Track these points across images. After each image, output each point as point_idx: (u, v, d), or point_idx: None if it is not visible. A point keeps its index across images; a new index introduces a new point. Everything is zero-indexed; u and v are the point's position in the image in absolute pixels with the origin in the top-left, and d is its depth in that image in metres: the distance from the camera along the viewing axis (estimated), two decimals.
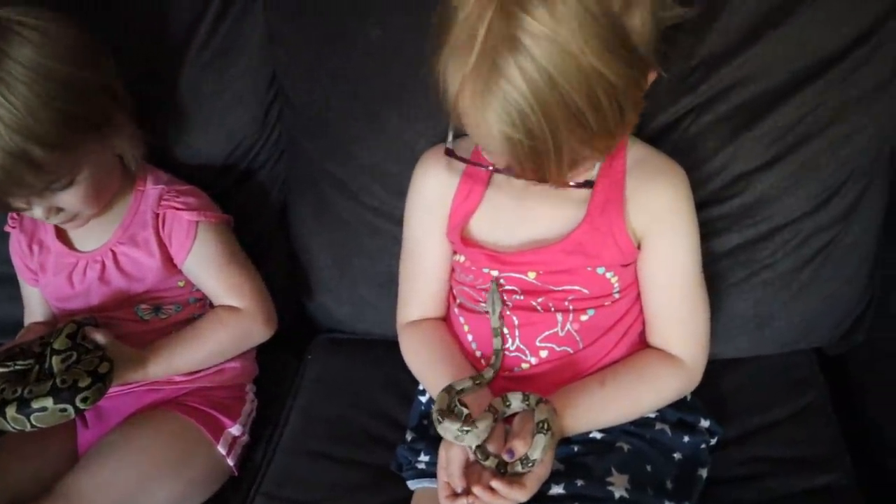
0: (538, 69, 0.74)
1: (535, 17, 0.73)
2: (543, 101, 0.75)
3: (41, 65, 0.93)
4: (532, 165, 0.80)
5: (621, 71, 0.76)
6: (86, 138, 0.99)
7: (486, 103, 0.77)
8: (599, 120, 0.77)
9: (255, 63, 1.16)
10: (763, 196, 1.02)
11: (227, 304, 1.13)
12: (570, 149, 0.78)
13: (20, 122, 0.91)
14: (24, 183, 0.95)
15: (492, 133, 0.78)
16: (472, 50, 0.76)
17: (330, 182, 1.16)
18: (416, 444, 1.03)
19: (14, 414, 0.94)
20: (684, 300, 0.97)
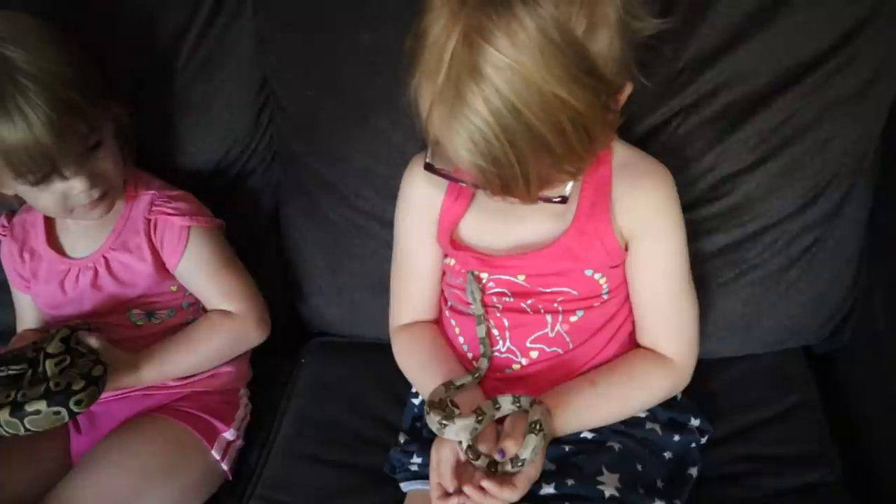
0: (501, 98, 0.74)
1: (496, 47, 0.73)
2: (508, 130, 0.75)
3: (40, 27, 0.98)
4: (500, 188, 0.81)
5: (586, 98, 0.76)
6: (98, 99, 1.01)
7: (452, 129, 0.77)
8: (565, 145, 0.77)
9: (245, 68, 1.17)
10: (749, 197, 1.03)
11: (221, 309, 1.13)
12: (538, 173, 0.79)
13: (53, 71, 0.95)
14: (73, 129, 0.97)
15: (459, 157, 0.79)
16: (439, 76, 0.76)
17: (321, 185, 1.16)
18: (409, 446, 1.03)
19: (7, 417, 0.94)
20: (672, 300, 0.98)
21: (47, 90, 0.94)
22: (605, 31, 0.78)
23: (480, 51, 0.73)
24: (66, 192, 1.01)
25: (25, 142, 0.94)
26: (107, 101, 1.04)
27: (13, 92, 0.93)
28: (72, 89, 0.96)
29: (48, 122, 0.94)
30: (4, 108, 0.93)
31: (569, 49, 0.74)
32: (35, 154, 0.95)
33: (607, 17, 0.78)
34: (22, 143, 0.94)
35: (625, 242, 0.96)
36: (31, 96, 0.93)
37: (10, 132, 0.93)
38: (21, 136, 0.93)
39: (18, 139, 0.94)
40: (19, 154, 0.95)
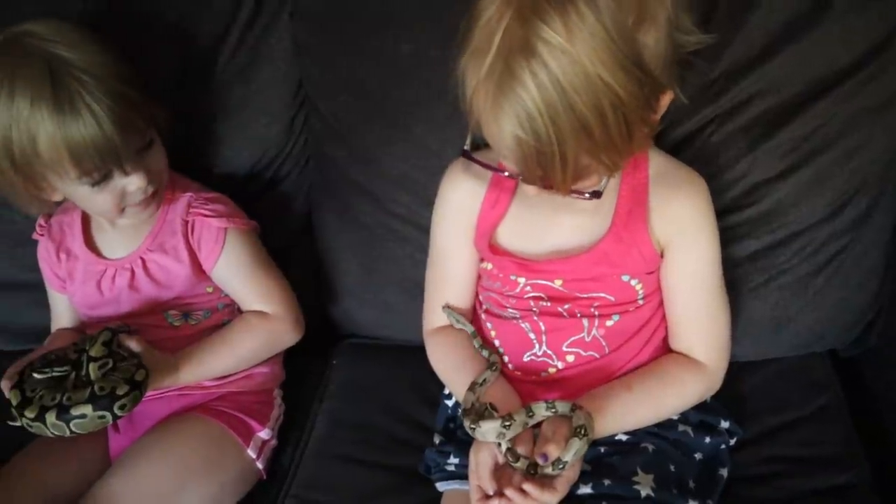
0: (549, 76, 0.77)
1: (550, 26, 0.76)
2: (551, 107, 0.78)
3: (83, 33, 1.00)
4: (538, 170, 0.83)
5: (629, 87, 0.78)
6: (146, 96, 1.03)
7: (497, 104, 0.80)
8: (604, 131, 0.79)
9: (281, 73, 1.18)
10: (780, 204, 1.06)
11: (256, 310, 1.15)
12: (575, 157, 0.81)
13: (110, 69, 0.98)
14: (136, 126, 1.00)
15: (502, 134, 0.81)
16: (489, 52, 0.79)
17: (356, 190, 1.18)
18: (445, 446, 1.05)
19: (54, 420, 0.96)
20: (706, 306, 1.00)
21: (107, 86, 0.96)
22: (653, 28, 0.81)
23: (533, 27, 0.77)
24: (123, 190, 1.03)
25: (94, 138, 0.96)
26: (151, 100, 1.05)
27: (78, 89, 0.95)
28: (126, 85, 0.99)
29: (113, 117, 0.96)
30: (72, 106, 0.95)
31: (618, 36, 0.77)
32: (103, 150, 0.97)
33: (656, 15, 0.81)
34: (91, 139, 0.96)
35: (661, 249, 0.98)
36: (95, 92, 0.95)
37: (79, 129, 0.95)
38: (90, 133, 0.95)
39: (87, 135, 0.96)
40: (88, 151, 0.97)
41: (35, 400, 0.98)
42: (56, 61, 0.96)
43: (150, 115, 1.04)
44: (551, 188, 0.85)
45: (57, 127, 0.95)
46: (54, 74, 0.95)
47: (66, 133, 0.95)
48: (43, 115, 0.95)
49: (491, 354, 1.03)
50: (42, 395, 0.98)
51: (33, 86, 0.95)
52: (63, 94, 0.95)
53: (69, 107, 0.95)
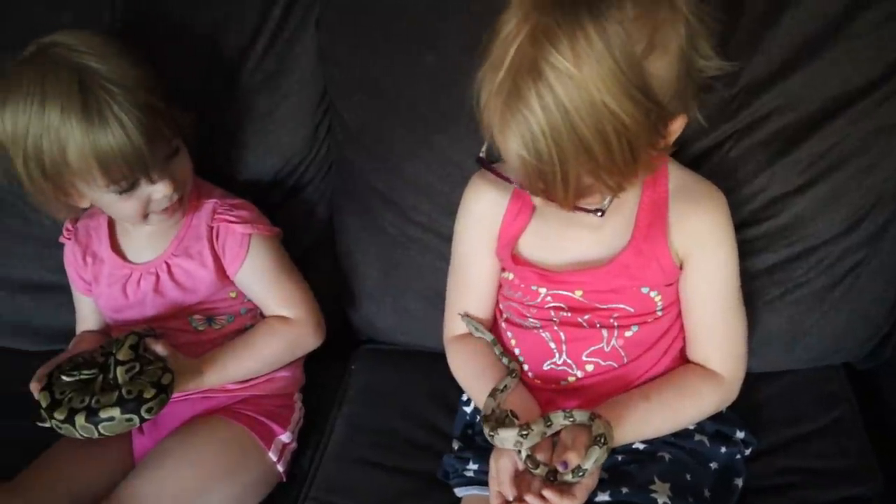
0: (554, 99, 0.79)
1: (559, 50, 0.78)
2: (555, 128, 0.79)
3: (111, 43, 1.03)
4: (541, 186, 0.85)
5: (635, 114, 0.80)
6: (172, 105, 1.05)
7: (504, 121, 0.82)
8: (607, 155, 0.81)
9: (306, 82, 1.20)
10: (797, 218, 1.07)
11: (279, 314, 1.17)
12: (577, 176, 0.83)
13: (137, 78, 1.00)
14: (160, 136, 1.02)
15: (507, 150, 0.83)
16: (501, 69, 0.81)
17: (379, 198, 1.20)
18: (464, 452, 1.07)
19: (83, 423, 0.99)
20: (723, 319, 1.02)
21: (134, 97, 0.99)
22: (664, 56, 0.82)
23: (543, 50, 0.78)
24: (149, 197, 1.05)
25: (122, 147, 0.98)
26: (177, 109, 1.08)
27: (106, 99, 0.97)
28: (153, 95, 1.01)
29: (141, 126, 0.98)
30: (101, 116, 0.97)
31: (625, 64, 0.78)
32: (131, 159, 0.99)
33: (668, 43, 0.82)
34: (119, 148, 0.98)
35: (680, 262, 1.00)
36: (123, 103, 0.98)
37: (107, 139, 0.98)
38: (118, 142, 0.98)
39: (116, 145, 0.98)
40: (116, 160, 0.99)
41: (64, 402, 1.00)
42: (85, 72, 0.98)
43: (175, 123, 1.06)
44: (554, 203, 0.87)
45: (86, 136, 0.98)
46: (83, 85, 0.98)
47: (94, 143, 0.98)
48: (73, 124, 0.97)
49: (511, 361, 1.05)
50: (71, 398, 1.00)
51: (63, 96, 0.97)
52: (92, 104, 0.97)
53: (98, 117, 0.97)
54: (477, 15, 1.02)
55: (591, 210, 0.90)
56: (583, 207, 0.89)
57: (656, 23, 0.81)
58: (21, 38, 1.03)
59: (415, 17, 1.11)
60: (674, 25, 0.82)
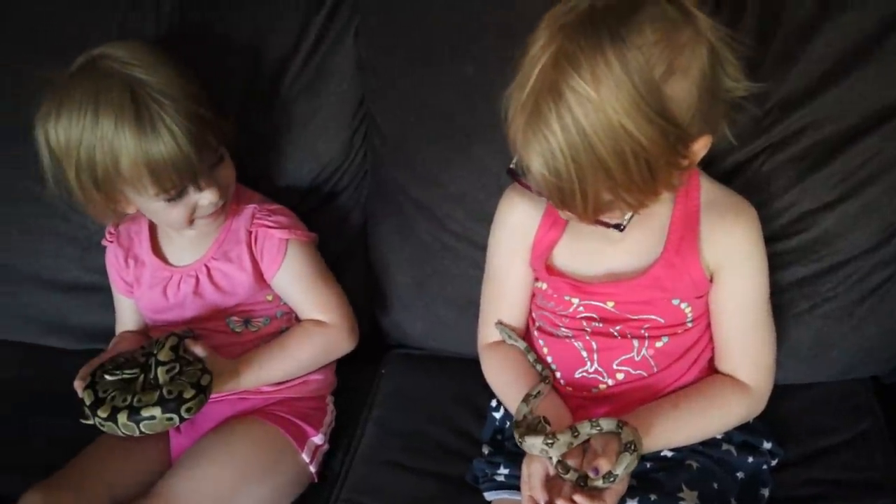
0: (572, 119, 0.82)
1: (579, 73, 0.81)
2: (573, 148, 0.83)
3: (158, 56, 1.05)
4: (560, 202, 0.88)
5: (652, 136, 0.82)
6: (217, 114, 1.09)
7: (525, 139, 0.85)
8: (625, 175, 0.84)
9: (344, 91, 1.23)
10: (827, 233, 1.09)
11: (313, 318, 1.19)
12: (595, 195, 0.86)
13: (183, 88, 1.03)
14: (207, 144, 1.05)
15: (530, 166, 0.87)
16: (526, 87, 0.85)
17: (414, 206, 1.22)
18: (495, 457, 1.09)
19: (125, 421, 1.02)
20: (753, 330, 1.04)
21: (183, 106, 1.02)
22: (684, 80, 0.85)
23: (563, 73, 0.82)
24: (196, 204, 1.08)
25: (173, 156, 1.01)
26: (220, 117, 1.10)
27: (157, 110, 1.00)
28: (199, 105, 1.04)
29: (189, 135, 1.01)
30: (153, 126, 1.00)
31: (643, 88, 0.81)
32: (181, 167, 1.02)
33: (689, 66, 0.85)
34: (170, 157, 1.01)
35: (710, 274, 1.01)
36: (172, 113, 1.01)
37: (159, 149, 1.01)
38: (169, 151, 1.01)
39: (167, 154, 1.01)
40: (167, 169, 1.02)
41: (107, 400, 1.03)
42: (136, 84, 1.01)
43: (220, 131, 1.09)
44: (574, 216, 0.90)
45: (139, 146, 1.00)
46: (135, 96, 1.01)
47: (147, 152, 1.01)
48: (126, 135, 1.00)
49: (544, 369, 1.07)
50: (114, 396, 1.03)
51: (116, 107, 1.00)
52: (144, 114, 1.00)
53: (150, 127, 1.00)
54: (514, 28, 1.05)
55: (612, 225, 0.92)
56: (603, 221, 0.91)
57: (676, 47, 0.83)
58: (66, 50, 1.06)
59: (453, 28, 1.13)
60: (695, 49, 0.85)
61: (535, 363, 1.08)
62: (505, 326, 1.11)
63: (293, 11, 1.19)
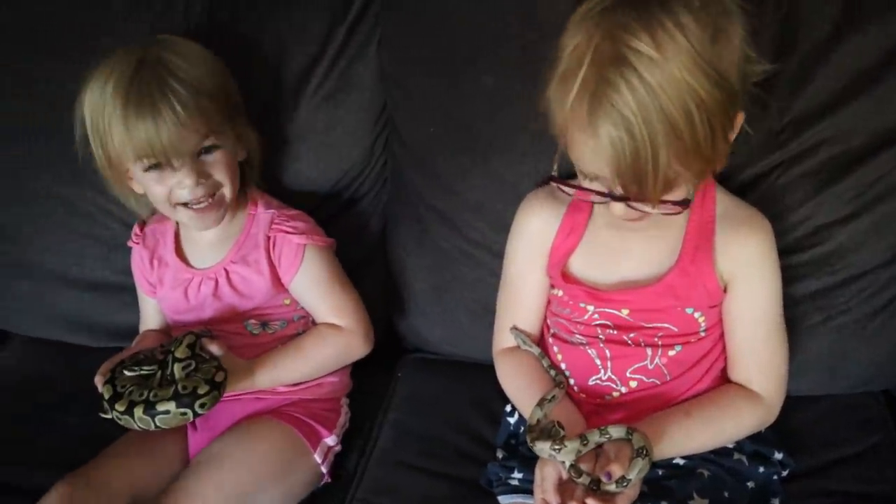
0: (641, 82, 0.84)
1: (639, 37, 0.84)
2: (644, 109, 0.85)
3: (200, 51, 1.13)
4: (632, 176, 0.88)
5: (712, 91, 0.85)
6: (230, 115, 1.13)
7: (594, 113, 0.87)
8: (691, 134, 0.86)
9: (367, 99, 1.25)
10: (842, 247, 1.10)
11: (330, 322, 1.21)
12: (666, 161, 0.87)
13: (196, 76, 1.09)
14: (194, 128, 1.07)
15: (600, 143, 0.87)
16: (580, 70, 0.87)
17: (433, 214, 1.24)
18: (509, 461, 1.11)
19: (141, 415, 1.04)
20: (766, 341, 1.05)
21: (185, 90, 1.06)
22: (729, 44, 0.89)
23: (623, 40, 0.85)
24: (174, 185, 1.11)
25: (147, 126, 1.05)
26: (238, 117, 1.14)
27: (153, 82, 1.06)
28: (205, 96, 1.08)
29: (173, 114, 1.05)
30: (140, 94, 1.05)
31: (699, 46, 0.85)
32: (153, 139, 1.06)
33: (731, 34, 0.89)
34: (145, 126, 1.05)
35: (724, 284, 1.03)
36: (167, 90, 1.05)
37: (139, 113, 1.05)
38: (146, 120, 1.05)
39: (144, 122, 1.05)
40: (140, 135, 1.06)
41: (125, 395, 1.05)
42: (150, 56, 1.07)
43: (221, 125, 1.11)
44: (642, 200, 0.91)
45: (123, 109, 1.06)
46: (141, 64, 1.07)
47: (125, 115, 1.06)
48: (116, 103, 1.06)
49: (557, 374, 1.08)
50: (131, 391, 1.05)
51: (119, 74, 1.07)
52: (137, 82, 1.06)
53: (136, 95, 1.05)
54: (534, 42, 1.09)
55: (677, 202, 0.92)
56: (668, 200, 0.92)
57: (720, 13, 0.88)
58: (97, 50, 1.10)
59: (474, 40, 1.15)
60: (732, 17, 0.89)
61: (549, 368, 1.09)
62: (520, 332, 1.13)
63: (318, 21, 1.22)
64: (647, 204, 0.92)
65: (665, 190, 0.90)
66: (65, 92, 1.12)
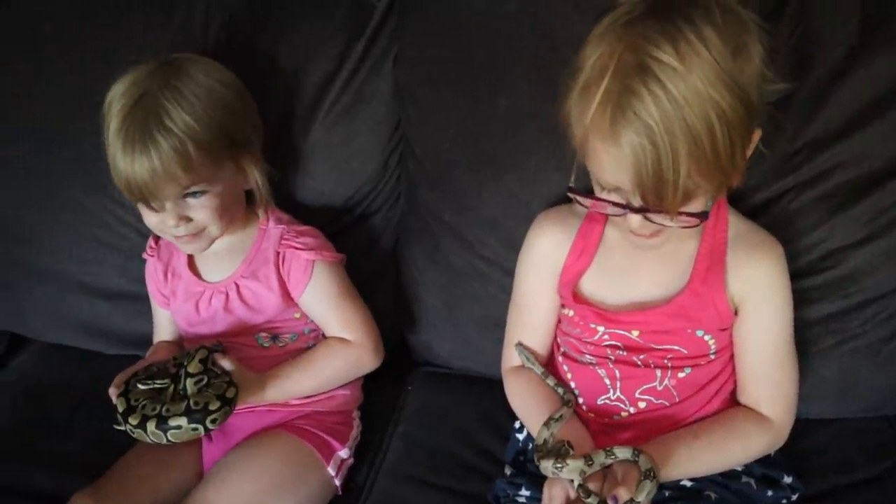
0: (664, 91, 0.85)
1: (662, 49, 0.85)
2: (667, 118, 0.85)
3: (211, 86, 1.11)
4: (652, 185, 0.88)
5: (733, 103, 0.86)
6: (228, 154, 1.13)
7: (616, 122, 0.87)
8: (712, 145, 0.86)
9: (382, 115, 1.26)
10: (855, 271, 1.09)
11: (339, 336, 1.22)
12: (686, 172, 0.87)
13: (188, 124, 1.07)
14: (174, 178, 1.07)
15: (621, 152, 0.88)
16: (603, 81, 0.87)
17: (446, 230, 1.24)
18: (517, 478, 1.11)
19: (154, 429, 1.05)
20: (776, 365, 1.05)
21: (177, 139, 1.06)
22: (749, 61, 0.89)
23: (647, 51, 0.86)
24: (159, 222, 1.13)
25: (128, 174, 1.07)
26: (242, 152, 1.14)
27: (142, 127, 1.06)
28: (194, 144, 1.07)
29: (151, 164, 1.06)
30: (127, 139, 1.06)
31: (721, 60, 0.86)
32: (132, 186, 1.08)
33: (751, 51, 0.90)
34: (124, 171, 1.07)
35: (735, 307, 1.03)
36: (159, 139, 1.05)
37: (121, 157, 1.07)
38: (124, 166, 1.07)
39: (122, 167, 1.07)
40: (120, 178, 1.08)
41: (138, 409, 1.07)
42: (152, 90, 1.07)
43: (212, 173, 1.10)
44: (660, 210, 0.90)
45: (115, 149, 1.07)
46: (142, 98, 1.07)
47: (114, 154, 1.08)
48: (113, 128, 1.08)
49: (566, 392, 1.09)
50: (144, 405, 1.07)
51: (125, 102, 1.07)
52: (133, 124, 1.06)
53: (124, 138, 1.06)
54: (548, 64, 1.09)
55: (695, 214, 0.92)
56: (686, 212, 0.92)
57: (741, 30, 0.89)
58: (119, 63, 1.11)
59: (488, 61, 1.16)
60: (752, 38, 0.90)
61: (557, 386, 1.10)
62: (524, 349, 1.13)
63: (336, 37, 1.23)
64: (665, 216, 0.91)
65: (684, 201, 0.90)
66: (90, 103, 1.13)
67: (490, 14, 1.15)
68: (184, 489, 1.14)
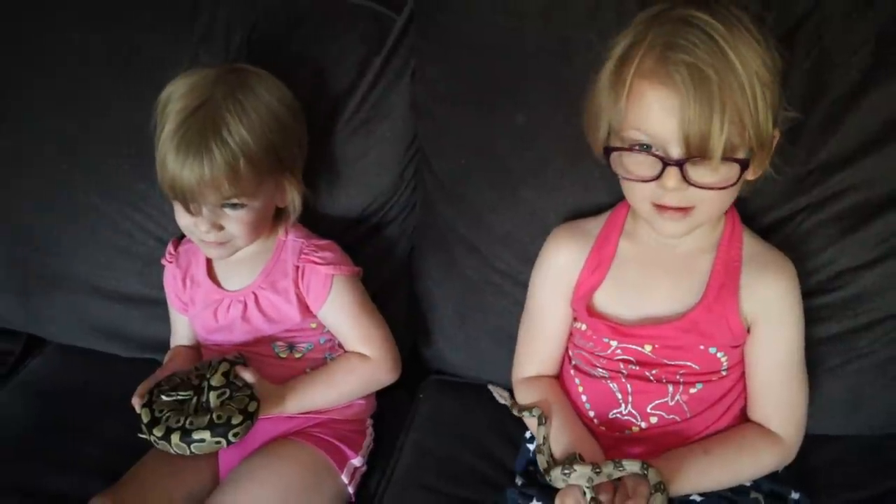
0: (708, 37, 0.90)
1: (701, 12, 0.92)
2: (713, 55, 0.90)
3: (271, 103, 1.14)
4: (698, 127, 0.89)
5: (769, 68, 0.92)
6: (273, 172, 1.15)
7: (665, 60, 0.91)
8: (753, 94, 0.90)
9: (399, 129, 1.28)
10: (865, 291, 1.11)
11: (358, 351, 1.24)
12: (733, 109, 0.89)
13: (244, 139, 1.10)
14: (218, 188, 1.10)
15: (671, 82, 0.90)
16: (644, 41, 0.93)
17: (461, 243, 1.26)
18: (528, 489, 1.12)
19: (178, 441, 1.07)
20: (786, 383, 1.06)
21: (231, 153, 1.08)
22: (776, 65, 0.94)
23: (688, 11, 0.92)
24: (191, 224, 1.15)
25: (173, 171, 1.09)
26: (285, 172, 1.16)
27: (198, 134, 1.08)
28: (245, 160, 1.09)
29: (199, 170, 1.08)
30: (183, 143, 1.08)
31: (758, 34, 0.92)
32: (175, 185, 1.10)
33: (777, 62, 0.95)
34: (171, 169, 1.09)
35: (748, 325, 1.05)
36: (208, 146, 1.08)
37: (170, 158, 1.09)
38: (172, 165, 1.09)
39: (171, 166, 1.09)
40: (167, 178, 1.10)
41: (162, 420, 1.09)
42: (215, 98, 1.09)
43: (254, 190, 1.13)
44: (703, 155, 0.91)
45: (167, 149, 1.09)
46: (203, 106, 1.09)
47: (163, 155, 1.10)
48: (169, 128, 1.10)
49: (532, 410, 1.11)
50: (168, 417, 1.09)
51: (186, 104, 1.10)
52: (190, 129, 1.08)
53: (178, 140, 1.08)
54: (564, 80, 1.11)
55: (738, 159, 0.93)
56: (731, 157, 0.92)
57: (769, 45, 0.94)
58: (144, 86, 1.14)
59: (505, 77, 1.17)
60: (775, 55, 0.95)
61: (521, 412, 1.14)
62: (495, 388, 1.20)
63: (355, 52, 1.25)
64: (707, 165, 0.92)
65: (727, 150, 0.91)
66: (109, 113, 1.15)
67: (507, 30, 1.17)
68: (200, 495, 1.16)
